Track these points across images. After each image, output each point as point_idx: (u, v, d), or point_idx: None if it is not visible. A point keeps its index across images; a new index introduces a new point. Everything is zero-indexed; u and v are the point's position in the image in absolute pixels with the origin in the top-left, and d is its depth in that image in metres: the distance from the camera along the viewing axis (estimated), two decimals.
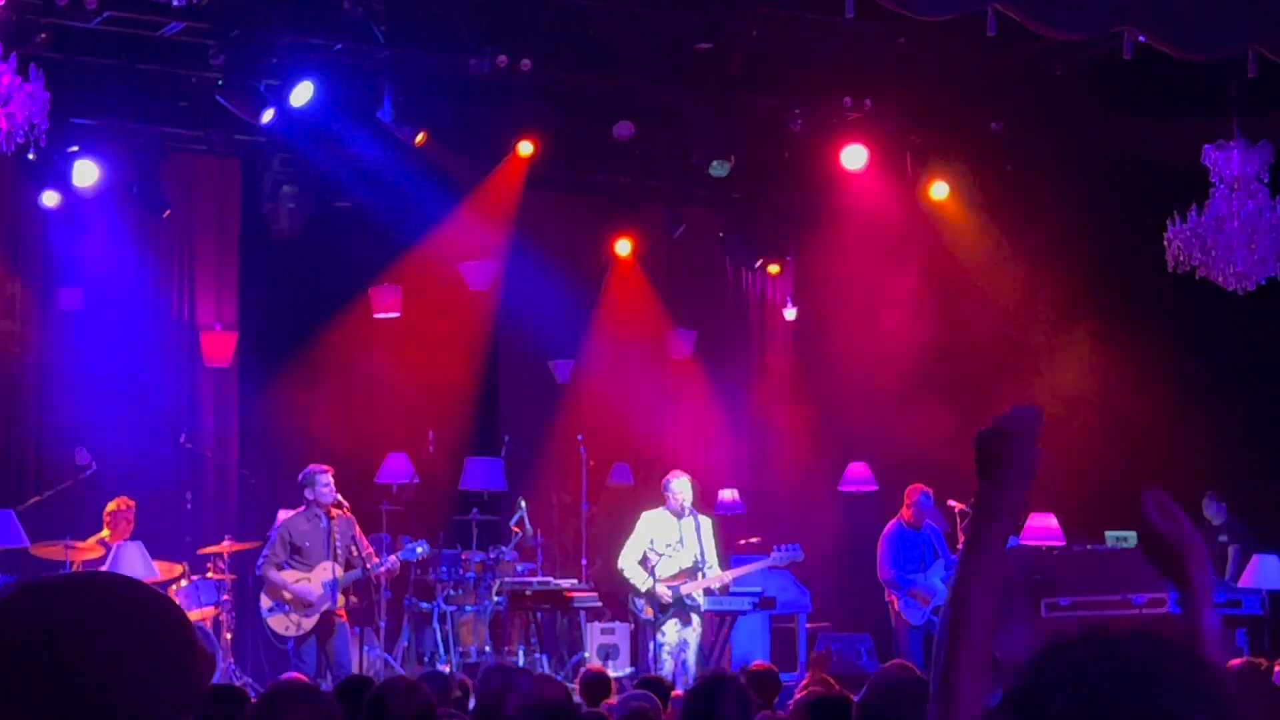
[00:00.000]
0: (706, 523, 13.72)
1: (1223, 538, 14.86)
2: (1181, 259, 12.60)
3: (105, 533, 14.06)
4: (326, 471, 13.17)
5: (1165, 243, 12.61)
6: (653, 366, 18.11)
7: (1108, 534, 15.54)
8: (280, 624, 13.06)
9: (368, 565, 13.17)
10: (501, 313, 17.61)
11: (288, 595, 13.00)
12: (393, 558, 13.43)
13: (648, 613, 13.43)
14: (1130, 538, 15.36)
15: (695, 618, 13.51)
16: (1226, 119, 12.81)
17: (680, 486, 13.55)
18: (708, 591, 13.65)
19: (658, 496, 13.88)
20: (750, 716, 5.16)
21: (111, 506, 14.18)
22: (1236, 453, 15.92)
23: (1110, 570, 14.93)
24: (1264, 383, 16.05)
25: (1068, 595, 15.15)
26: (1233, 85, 12.75)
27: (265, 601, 13.18)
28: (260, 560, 13.29)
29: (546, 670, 13.54)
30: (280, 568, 13.10)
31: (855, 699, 4.81)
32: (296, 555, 13.10)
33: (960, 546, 12.13)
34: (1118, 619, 14.14)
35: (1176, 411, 16.23)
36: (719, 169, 15.72)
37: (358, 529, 13.36)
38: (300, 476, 13.27)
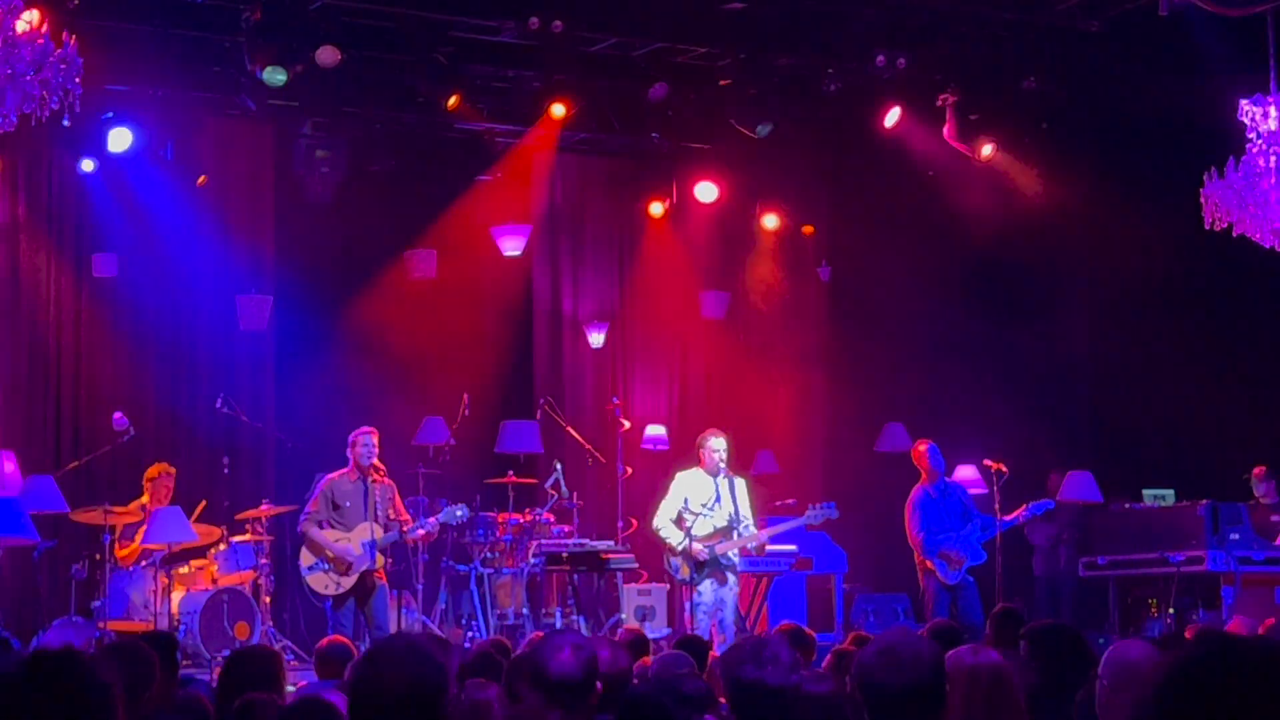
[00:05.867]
0: (741, 483, 13.69)
1: (1275, 517, 14.75)
2: (1218, 216, 12.50)
3: (145, 498, 14.15)
4: (370, 433, 13.16)
5: (1202, 199, 12.52)
6: (687, 328, 18.10)
7: (1145, 492, 15.50)
8: (320, 582, 13.09)
9: (404, 529, 13.20)
10: (535, 275, 17.63)
11: (329, 554, 13.03)
12: (432, 520, 13.45)
13: (683, 572, 13.42)
14: (1168, 495, 15.34)
15: (731, 577, 13.49)
16: (1263, 74, 12.69)
17: (717, 445, 13.51)
18: (744, 552, 13.65)
19: (694, 457, 13.87)
20: (799, 677, 5.13)
21: (152, 472, 14.26)
22: (1276, 402, 15.84)
23: (1148, 528, 14.92)
24: None
25: (1105, 554, 15.16)
26: (1269, 39, 12.63)
27: (305, 559, 13.19)
28: (302, 517, 13.31)
29: (584, 631, 13.58)
30: (321, 525, 13.13)
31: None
32: (336, 513, 13.12)
33: (998, 508, 12.00)
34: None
35: (1216, 369, 16.17)
36: (762, 130, 15.74)
37: (397, 495, 13.39)
38: (350, 438, 13.28)
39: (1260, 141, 12.40)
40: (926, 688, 4.41)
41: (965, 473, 15.22)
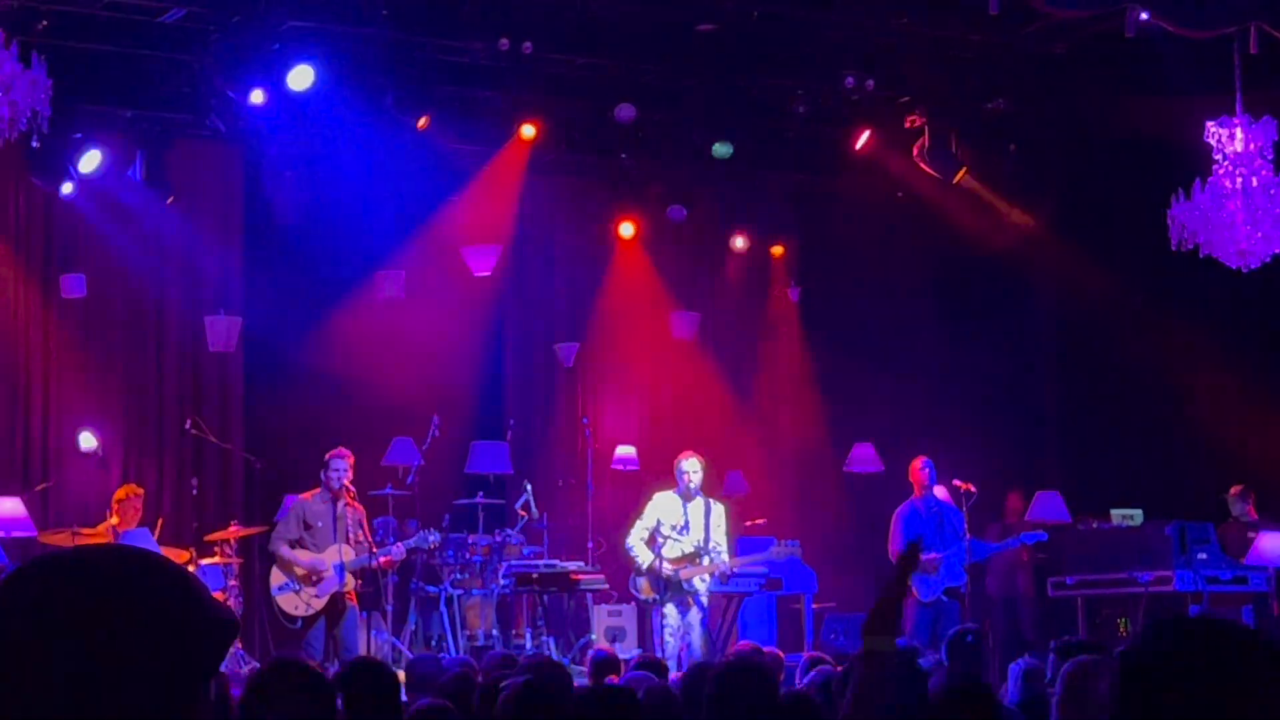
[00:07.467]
0: (719, 509, 13.66)
1: (1253, 534, 14.78)
2: (1184, 237, 12.58)
3: (114, 519, 14.09)
4: (342, 457, 13.13)
5: (1169, 220, 12.59)
6: (657, 349, 18.11)
7: (1113, 512, 15.55)
8: (290, 603, 13.05)
9: (374, 551, 13.17)
10: (505, 296, 17.63)
11: (299, 570, 12.99)
12: (399, 546, 13.42)
13: (645, 592, 13.41)
14: (1136, 515, 15.38)
15: (694, 603, 13.46)
16: (1229, 95, 12.78)
17: (690, 467, 13.48)
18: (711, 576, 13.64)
19: (663, 479, 13.87)
20: (776, 700, 5.19)
21: (120, 494, 14.21)
22: (1242, 422, 15.89)
23: (1116, 548, 14.96)
24: (1270, 358, 16.03)
25: (1074, 574, 15.19)
26: (1235, 62, 12.73)
27: (275, 579, 13.16)
28: (273, 536, 13.29)
29: (554, 652, 13.56)
30: (292, 545, 13.10)
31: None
32: (308, 533, 13.10)
33: (967, 528, 12.03)
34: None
35: (1183, 389, 16.23)
36: (722, 150, 15.75)
37: (364, 521, 13.37)
38: (325, 459, 13.27)
39: (1226, 163, 12.50)
40: (916, 707, 4.52)
41: (934, 493, 15.25)
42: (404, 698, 7.52)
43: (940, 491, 14.81)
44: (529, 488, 15.18)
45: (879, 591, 3.43)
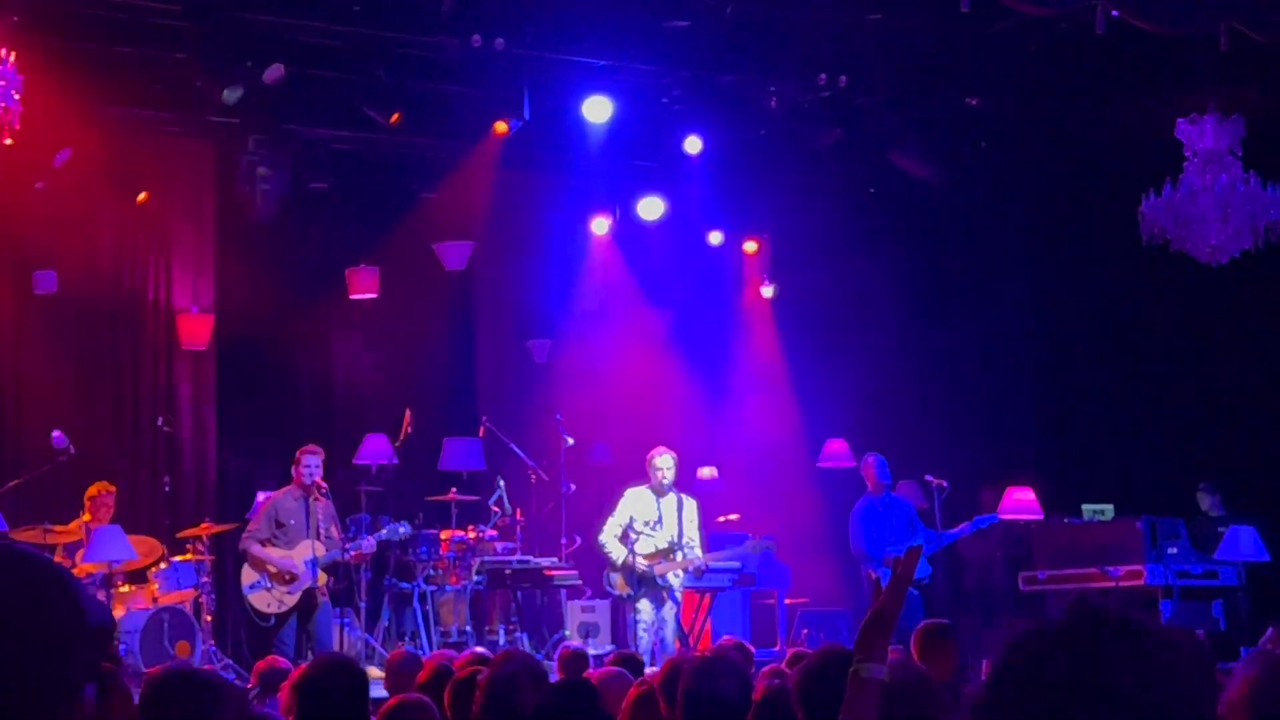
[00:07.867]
0: (691, 504, 13.70)
1: (1221, 529, 14.84)
2: (1156, 233, 12.64)
3: (85, 516, 14.06)
4: (314, 454, 13.18)
5: (1139, 217, 12.65)
6: (630, 345, 18.12)
7: (1084, 507, 15.61)
8: (262, 600, 13.06)
9: (345, 546, 13.20)
10: (479, 293, 17.63)
11: (271, 569, 13.00)
12: (369, 539, 13.44)
13: (619, 588, 13.43)
14: (1107, 510, 15.45)
15: (668, 598, 13.49)
16: (1200, 94, 12.84)
17: (663, 463, 13.53)
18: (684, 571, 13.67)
19: (637, 475, 13.88)
20: (749, 694, 5.20)
21: (92, 491, 14.17)
22: (1212, 418, 15.97)
23: (1087, 543, 15.03)
24: (1240, 354, 16.10)
25: (1045, 569, 15.25)
26: (1206, 60, 12.78)
27: (247, 577, 13.17)
28: (244, 535, 13.30)
29: (527, 648, 13.58)
30: (263, 543, 13.11)
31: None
32: (279, 531, 13.12)
33: (939, 523, 12.09)
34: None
35: (1154, 384, 16.31)
36: (694, 146, 15.82)
37: (336, 517, 13.38)
38: (295, 455, 13.31)
39: (1196, 160, 12.56)
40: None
41: (906, 488, 15.30)
42: (385, 693, 7.55)
43: (910, 486, 14.87)
44: (502, 484, 15.20)
45: (871, 608, 3.35)
